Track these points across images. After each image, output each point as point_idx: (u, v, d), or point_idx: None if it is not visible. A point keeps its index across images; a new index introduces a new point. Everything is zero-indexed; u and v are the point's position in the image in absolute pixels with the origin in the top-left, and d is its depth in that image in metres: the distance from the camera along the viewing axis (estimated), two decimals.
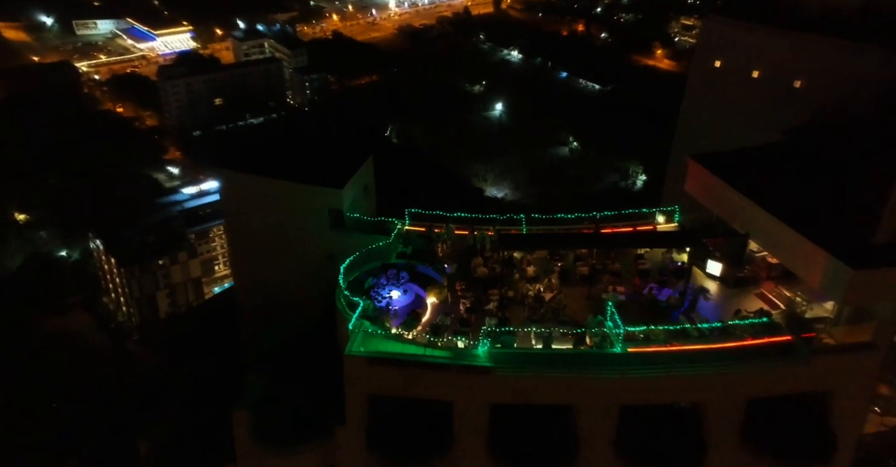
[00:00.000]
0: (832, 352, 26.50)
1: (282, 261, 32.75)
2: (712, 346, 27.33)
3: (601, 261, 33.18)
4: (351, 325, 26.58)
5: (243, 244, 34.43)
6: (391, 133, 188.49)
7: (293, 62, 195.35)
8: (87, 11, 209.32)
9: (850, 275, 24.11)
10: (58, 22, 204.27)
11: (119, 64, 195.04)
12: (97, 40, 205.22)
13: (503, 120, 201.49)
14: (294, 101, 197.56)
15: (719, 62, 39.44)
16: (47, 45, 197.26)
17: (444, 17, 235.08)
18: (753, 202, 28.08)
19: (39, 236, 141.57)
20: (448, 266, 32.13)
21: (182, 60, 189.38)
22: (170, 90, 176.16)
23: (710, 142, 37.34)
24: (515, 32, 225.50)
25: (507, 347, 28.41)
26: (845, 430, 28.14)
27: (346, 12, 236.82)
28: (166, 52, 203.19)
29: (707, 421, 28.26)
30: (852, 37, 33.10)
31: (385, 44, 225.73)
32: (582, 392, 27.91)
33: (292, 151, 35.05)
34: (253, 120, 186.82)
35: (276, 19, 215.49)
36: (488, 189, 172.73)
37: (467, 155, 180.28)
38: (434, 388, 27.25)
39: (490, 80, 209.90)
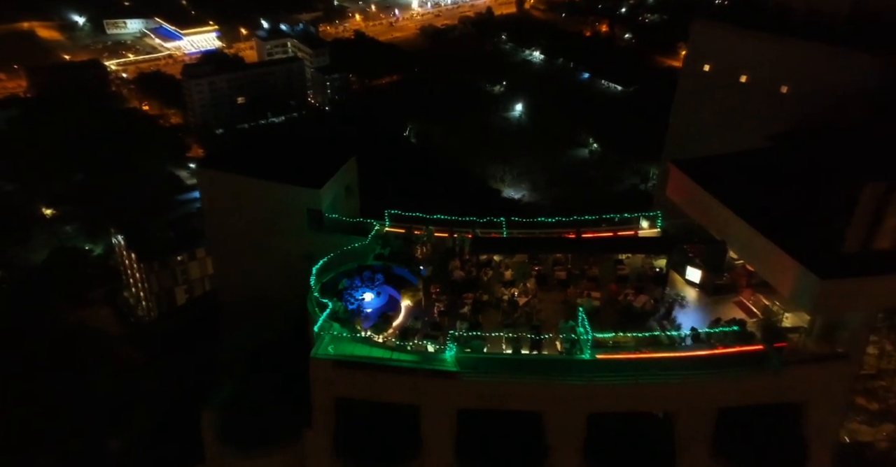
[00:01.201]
0: (804, 362, 26.03)
1: (261, 260, 33.11)
2: (682, 354, 27.00)
3: (579, 266, 32.98)
4: (316, 328, 26.75)
5: (224, 243, 34.87)
6: (410, 133, 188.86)
7: (315, 62, 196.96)
8: (117, 11, 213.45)
9: (819, 284, 23.67)
10: (89, 21, 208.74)
11: (146, 62, 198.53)
12: (126, 39, 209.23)
13: (523, 121, 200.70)
14: (315, 100, 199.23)
15: (708, 66, 38.94)
16: (78, 44, 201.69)
17: (467, 17, 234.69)
18: (729, 209, 27.61)
19: (65, 231, 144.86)
20: (424, 268, 32.21)
21: (206, 59, 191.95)
22: (193, 89, 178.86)
23: (700, 147, 36.85)
24: (538, 33, 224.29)
25: (476, 352, 28.37)
26: (818, 441, 27.66)
27: (369, 12, 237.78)
28: (192, 51, 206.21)
29: (677, 431, 27.89)
30: (839, 43, 32.44)
31: (407, 44, 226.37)
32: (549, 398, 27.77)
33: (273, 151, 35.35)
34: (274, 119, 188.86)
35: (299, 19, 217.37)
36: (505, 190, 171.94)
37: (485, 156, 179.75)
38: (401, 392, 27.29)
39: (511, 80, 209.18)
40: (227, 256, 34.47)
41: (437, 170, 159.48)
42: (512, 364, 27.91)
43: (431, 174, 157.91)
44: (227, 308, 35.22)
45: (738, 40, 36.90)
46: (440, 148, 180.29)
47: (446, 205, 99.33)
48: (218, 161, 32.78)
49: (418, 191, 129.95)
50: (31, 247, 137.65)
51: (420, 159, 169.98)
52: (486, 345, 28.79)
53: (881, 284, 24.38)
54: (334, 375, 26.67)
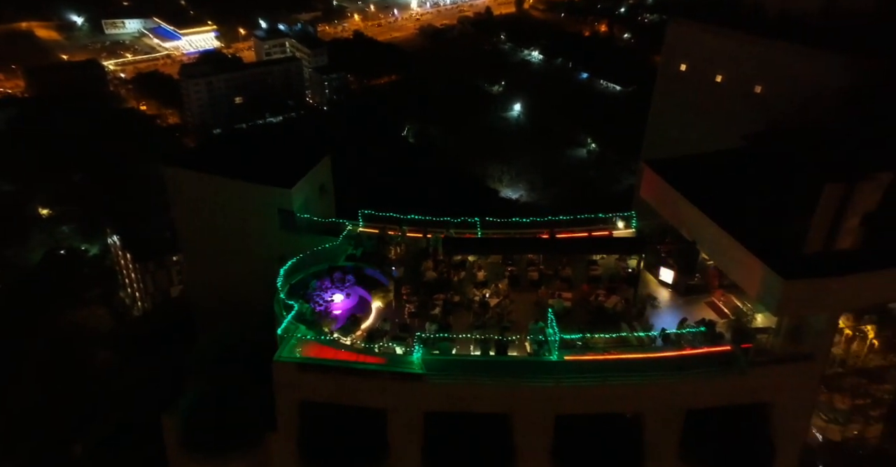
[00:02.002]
0: (770, 363, 25.85)
1: (233, 261, 32.88)
2: (649, 355, 26.74)
3: (552, 267, 32.75)
4: (280, 330, 26.51)
5: (194, 244, 34.64)
6: (408, 133, 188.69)
7: (313, 61, 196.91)
8: (116, 11, 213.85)
9: (782, 285, 23.46)
10: (88, 21, 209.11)
11: (144, 63, 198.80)
12: (125, 39, 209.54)
13: (521, 121, 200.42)
14: (313, 100, 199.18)
15: (685, 66, 38.63)
16: (77, 44, 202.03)
17: (466, 17, 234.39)
18: (698, 209, 27.38)
19: (61, 231, 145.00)
20: (395, 269, 31.96)
21: (204, 59, 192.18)
22: (191, 89, 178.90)
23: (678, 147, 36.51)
24: (537, 33, 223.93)
25: (444, 354, 28.13)
26: (785, 442, 27.43)
27: (368, 12, 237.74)
28: (191, 51, 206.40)
29: (645, 432, 27.61)
30: (810, 43, 32.21)
31: (406, 44, 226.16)
32: (517, 400, 27.46)
33: (245, 150, 35.10)
34: (272, 119, 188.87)
35: (298, 19, 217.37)
36: (503, 190, 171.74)
37: (484, 156, 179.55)
38: (366, 395, 27.01)
39: (510, 80, 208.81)
40: (198, 257, 34.26)
41: (435, 171, 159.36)
42: (479, 365, 27.61)
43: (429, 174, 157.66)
44: (200, 309, 35.01)
45: (712, 40, 36.64)
46: (438, 148, 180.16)
47: (443, 205, 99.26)
48: (185, 159, 32.43)
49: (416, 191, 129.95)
50: (28, 247, 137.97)
51: (418, 159, 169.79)
52: (455, 346, 28.59)
53: (844, 285, 24.20)
54: (298, 378, 26.35)
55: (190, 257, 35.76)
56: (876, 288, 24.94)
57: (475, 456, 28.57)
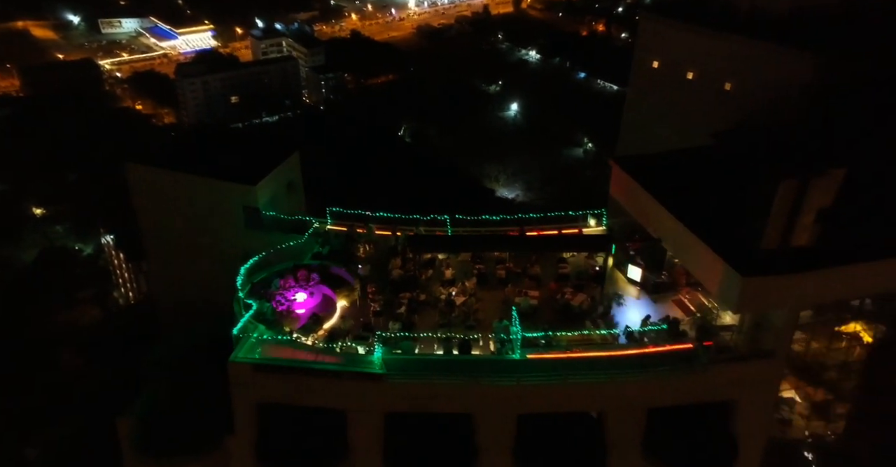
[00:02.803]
0: (732, 361, 25.64)
1: (198, 260, 32.46)
2: (611, 354, 26.41)
3: (521, 265, 32.42)
4: (236, 330, 26.14)
5: (158, 242, 34.24)
6: (405, 132, 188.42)
7: (310, 61, 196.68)
8: (112, 10, 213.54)
9: (740, 282, 23.20)
10: (84, 20, 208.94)
11: (141, 62, 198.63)
12: (121, 39, 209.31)
13: (518, 120, 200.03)
14: (310, 99, 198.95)
15: (657, 63, 38.37)
16: (73, 44, 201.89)
17: (464, 16, 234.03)
18: (662, 206, 27.06)
19: (55, 230, 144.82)
20: (361, 267, 31.60)
21: (200, 59, 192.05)
22: (187, 88, 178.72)
23: (652, 144, 36.24)
24: (534, 32, 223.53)
25: (406, 353, 27.78)
26: (748, 439, 27.25)
27: (366, 12, 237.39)
28: (187, 50, 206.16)
29: (608, 431, 27.32)
30: (777, 40, 32.03)
31: (403, 43, 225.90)
32: (479, 400, 27.07)
33: (211, 147, 34.69)
34: (269, 118, 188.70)
35: (295, 18, 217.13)
36: (500, 190, 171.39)
37: (480, 155, 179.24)
38: (325, 396, 26.58)
39: (507, 80, 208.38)
40: (162, 256, 33.88)
41: (432, 170, 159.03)
42: (441, 365, 27.25)
43: (426, 173, 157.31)
44: (165, 310, 34.63)
45: (683, 36, 36.41)
46: (435, 147, 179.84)
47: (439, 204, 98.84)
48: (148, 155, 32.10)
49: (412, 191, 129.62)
50: (22, 246, 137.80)
51: (414, 159, 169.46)
52: (417, 346, 28.24)
53: (802, 282, 23.95)
54: (255, 379, 25.93)
55: (153, 255, 35.35)
56: (833, 285, 24.73)
57: (437, 457, 28.22)
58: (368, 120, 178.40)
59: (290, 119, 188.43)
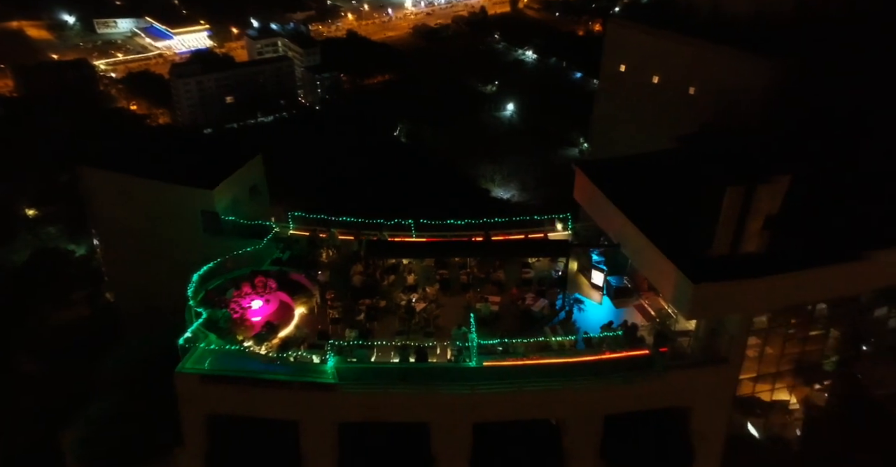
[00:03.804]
0: (687, 367, 25.52)
1: (156, 266, 31.92)
2: (567, 360, 25.99)
3: (485, 270, 31.96)
4: (181, 340, 25.64)
5: (116, 247, 33.74)
6: (400, 132, 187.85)
7: (305, 61, 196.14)
8: (108, 10, 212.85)
9: (692, 288, 23.02)
10: (79, 20, 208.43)
11: (136, 62, 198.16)
12: (117, 39, 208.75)
13: (514, 120, 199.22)
14: (306, 99, 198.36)
15: (624, 66, 38.21)
16: (68, 44, 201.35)
17: (460, 16, 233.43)
18: (620, 211, 26.68)
19: (48, 231, 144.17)
20: (320, 273, 31.09)
21: (195, 59, 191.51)
22: (181, 88, 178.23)
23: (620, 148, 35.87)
24: (531, 32, 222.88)
25: (362, 361, 27.29)
26: (704, 444, 27.09)
27: (363, 11, 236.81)
28: (183, 50, 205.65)
29: (565, 438, 26.88)
30: (737, 45, 32.01)
31: (400, 43, 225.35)
32: (434, 408, 26.58)
33: (169, 150, 34.16)
34: (264, 118, 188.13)
35: (291, 18, 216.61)
36: (495, 190, 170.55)
37: (476, 155, 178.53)
38: (276, 407, 26.02)
39: (503, 80, 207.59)
40: (120, 262, 33.35)
41: (427, 170, 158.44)
42: (396, 373, 26.79)
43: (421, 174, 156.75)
44: (125, 316, 34.13)
45: (649, 41, 36.46)
46: (430, 148, 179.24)
47: (434, 204, 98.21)
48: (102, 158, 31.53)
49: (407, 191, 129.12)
50: (13, 247, 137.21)
51: (410, 159, 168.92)
52: (374, 353, 27.75)
53: (753, 288, 23.83)
54: (203, 391, 25.40)
55: (111, 261, 34.88)
56: (783, 291, 24.57)
57: (392, 466, 27.75)
58: (364, 120, 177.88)
59: (286, 119, 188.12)
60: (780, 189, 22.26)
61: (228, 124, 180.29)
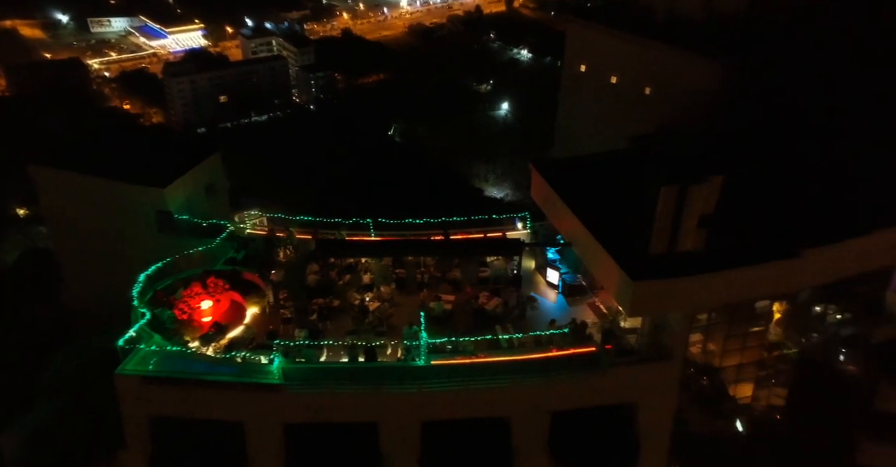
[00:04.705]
0: (631, 364, 25.67)
1: (110, 266, 31.52)
2: (515, 358, 25.88)
3: (442, 269, 31.69)
4: (120, 342, 25.35)
5: (70, 247, 33.37)
6: (394, 132, 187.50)
7: (300, 60, 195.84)
8: (102, 9, 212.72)
9: (632, 285, 23.17)
10: (73, 20, 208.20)
11: (130, 61, 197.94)
12: (111, 38, 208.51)
13: (508, 119, 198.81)
14: (300, 99, 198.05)
15: (584, 67, 38.29)
16: (61, 43, 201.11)
17: (456, 15, 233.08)
18: (569, 209, 26.54)
19: (39, 231, 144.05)
20: (273, 273, 30.77)
21: (189, 58, 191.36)
22: (175, 87, 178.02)
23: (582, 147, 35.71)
24: (526, 31, 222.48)
25: (310, 362, 27.01)
26: (650, 440, 27.25)
27: (358, 11, 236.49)
28: (177, 49, 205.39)
29: (513, 435, 26.73)
30: (688, 46, 32.02)
31: (395, 42, 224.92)
32: (382, 408, 26.30)
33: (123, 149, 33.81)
34: (258, 118, 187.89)
35: (286, 17, 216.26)
36: (488, 189, 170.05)
37: (470, 154, 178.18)
38: (220, 409, 25.66)
39: (498, 79, 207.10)
40: (74, 261, 33.00)
41: (421, 170, 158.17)
42: (343, 373, 26.50)
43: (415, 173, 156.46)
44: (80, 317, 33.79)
45: (606, 41, 36.66)
46: (425, 147, 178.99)
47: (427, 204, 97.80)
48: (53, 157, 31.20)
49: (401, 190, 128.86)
50: (4, 248, 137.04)
51: (404, 158, 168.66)
52: (323, 354, 27.45)
53: (689, 286, 23.84)
54: (144, 392, 25.08)
55: (65, 261, 34.52)
56: (721, 288, 24.61)
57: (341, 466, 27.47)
58: (358, 119, 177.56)
59: (280, 118, 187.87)
60: (712, 189, 22.17)
61: (222, 123, 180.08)
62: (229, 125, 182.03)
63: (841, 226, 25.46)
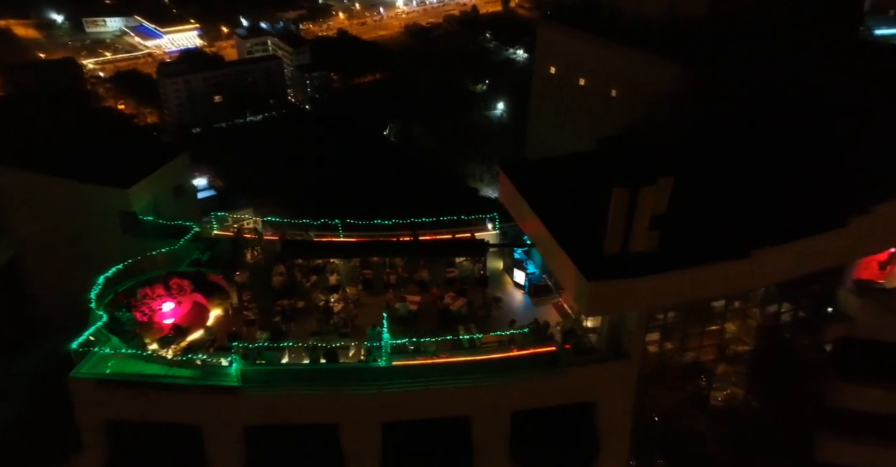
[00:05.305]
0: (589, 363, 25.83)
1: (75, 268, 31.20)
2: (475, 358, 25.83)
3: (409, 270, 31.51)
4: (74, 344, 25.09)
5: (34, 249, 33.08)
6: (390, 132, 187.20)
7: (295, 60, 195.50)
8: (97, 9, 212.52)
9: (587, 285, 23.22)
10: (68, 19, 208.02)
11: (125, 61, 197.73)
12: (106, 38, 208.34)
13: (504, 119, 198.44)
14: (295, 99, 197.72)
15: (553, 68, 38.39)
16: (56, 43, 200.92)
17: (452, 15, 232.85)
18: (531, 210, 26.46)
19: None
20: (238, 274, 30.51)
21: (184, 58, 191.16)
22: (169, 87, 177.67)
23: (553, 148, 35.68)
24: (522, 31, 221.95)
25: (271, 363, 26.77)
26: (610, 438, 27.48)
27: (354, 10, 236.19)
28: (173, 49, 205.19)
29: (474, 435, 26.63)
30: (652, 49, 32.07)
31: (391, 42, 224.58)
32: (342, 409, 26.18)
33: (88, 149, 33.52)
34: (253, 118, 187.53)
35: (282, 17, 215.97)
36: (483, 189, 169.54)
37: (465, 154, 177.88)
38: (176, 411, 25.46)
39: (494, 79, 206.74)
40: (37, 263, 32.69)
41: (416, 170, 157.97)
42: (303, 375, 26.28)
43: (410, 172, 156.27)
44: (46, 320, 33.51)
45: (575, 43, 36.82)
46: (420, 147, 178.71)
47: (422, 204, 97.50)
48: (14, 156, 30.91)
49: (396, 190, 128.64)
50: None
51: (399, 158, 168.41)
52: (285, 355, 27.20)
53: (642, 286, 23.79)
54: (100, 396, 24.86)
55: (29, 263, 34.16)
56: (673, 288, 24.56)
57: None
58: (353, 119, 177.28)
59: (275, 118, 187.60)
60: (662, 191, 22.00)
61: (217, 124, 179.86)
62: (224, 125, 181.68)
63: (791, 228, 25.48)
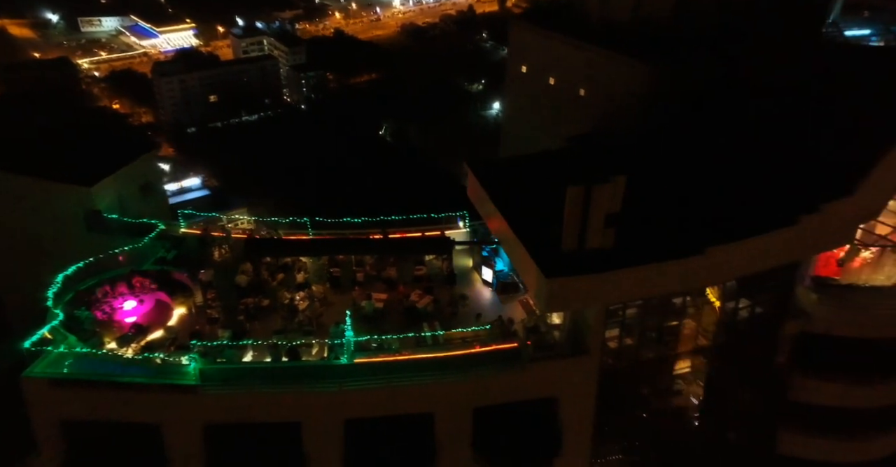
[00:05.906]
0: (550, 359, 25.77)
1: (39, 265, 30.85)
2: (437, 355, 25.59)
3: (377, 268, 31.19)
4: (27, 344, 24.72)
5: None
6: (386, 131, 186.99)
7: (290, 60, 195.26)
8: (92, 8, 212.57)
9: (545, 282, 23.09)
10: (63, 19, 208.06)
11: (120, 61, 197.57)
12: (101, 37, 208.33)
13: (500, 119, 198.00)
14: (290, 98, 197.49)
15: (525, 68, 38.35)
16: (51, 42, 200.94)
17: (449, 15, 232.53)
18: (495, 206, 26.25)
19: None
20: (202, 272, 30.17)
21: (179, 57, 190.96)
22: (164, 87, 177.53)
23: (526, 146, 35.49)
24: None
25: (231, 362, 26.45)
26: (571, 433, 27.49)
27: (350, 10, 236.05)
28: (168, 49, 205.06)
29: (436, 431, 26.47)
30: (620, 49, 32.00)
31: (387, 42, 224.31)
32: (303, 407, 25.91)
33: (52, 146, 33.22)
34: (248, 117, 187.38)
35: (278, 17, 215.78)
36: None
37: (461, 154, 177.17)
38: (134, 411, 25.05)
39: (490, 78, 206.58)
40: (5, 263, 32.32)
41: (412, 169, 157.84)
42: (264, 373, 25.95)
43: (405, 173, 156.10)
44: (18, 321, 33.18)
45: (544, 43, 36.84)
46: (416, 147, 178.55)
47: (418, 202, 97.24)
48: None
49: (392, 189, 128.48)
50: None
51: (395, 158, 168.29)
52: (246, 354, 26.88)
53: (598, 282, 23.75)
54: (54, 396, 24.49)
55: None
56: (628, 284, 24.48)
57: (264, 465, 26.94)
58: (349, 119, 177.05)
59: (270, 118, 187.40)
60: (616, 189, 21.82)
61: (212, 123, 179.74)
62: (219, 125, 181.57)
63: (745, 226, 25.38)
